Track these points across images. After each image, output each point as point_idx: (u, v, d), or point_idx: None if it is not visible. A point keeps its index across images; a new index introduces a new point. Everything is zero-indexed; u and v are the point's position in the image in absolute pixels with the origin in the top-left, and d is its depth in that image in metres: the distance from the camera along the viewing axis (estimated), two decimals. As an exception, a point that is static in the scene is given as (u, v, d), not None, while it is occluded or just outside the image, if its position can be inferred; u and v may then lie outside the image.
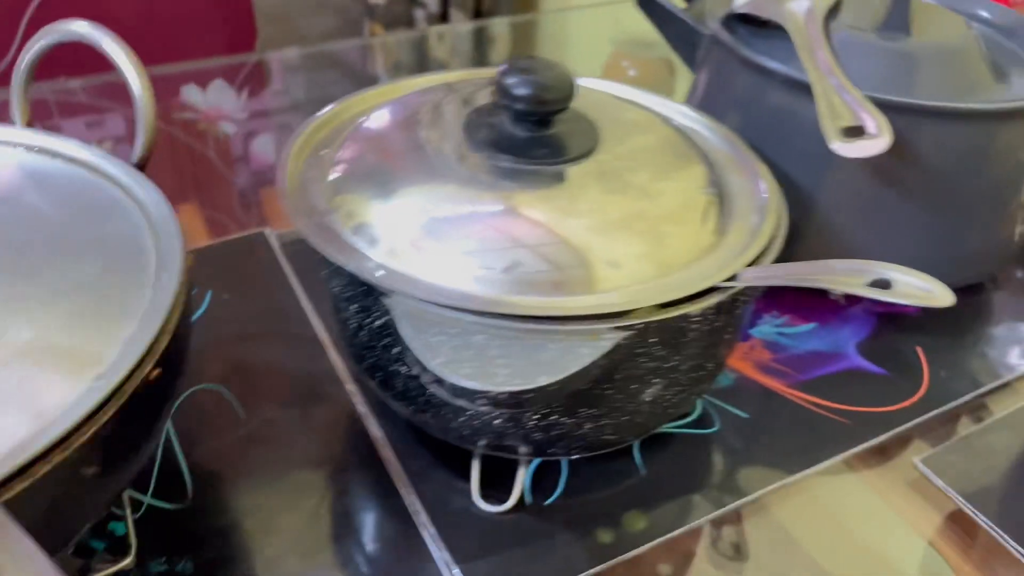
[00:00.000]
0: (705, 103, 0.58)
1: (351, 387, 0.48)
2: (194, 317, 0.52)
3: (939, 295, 0.30)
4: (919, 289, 0.31)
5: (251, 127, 0.82)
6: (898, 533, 0.43)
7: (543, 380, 0.33)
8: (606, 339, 0.34)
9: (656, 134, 0.45)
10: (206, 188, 0.71)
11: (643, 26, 0.86)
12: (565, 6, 1.59)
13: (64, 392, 0.28)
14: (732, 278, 0.36)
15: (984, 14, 0.60)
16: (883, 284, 0.32)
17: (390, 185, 0.39)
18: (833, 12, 0.55)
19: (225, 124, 0.82)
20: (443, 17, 1.72)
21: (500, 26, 1.15)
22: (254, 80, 0.92)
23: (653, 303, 0.35)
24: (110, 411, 0.28)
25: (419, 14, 1.74)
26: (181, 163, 0.78)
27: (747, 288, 0.37)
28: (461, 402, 0.34)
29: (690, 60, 0.62)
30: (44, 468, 0.27)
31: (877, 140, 0.42)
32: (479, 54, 1.04)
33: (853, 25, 0.54)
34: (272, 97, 0.90)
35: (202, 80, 0.88)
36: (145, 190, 0.38)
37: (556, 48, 1.06)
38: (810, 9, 0.54)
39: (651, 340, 0.36)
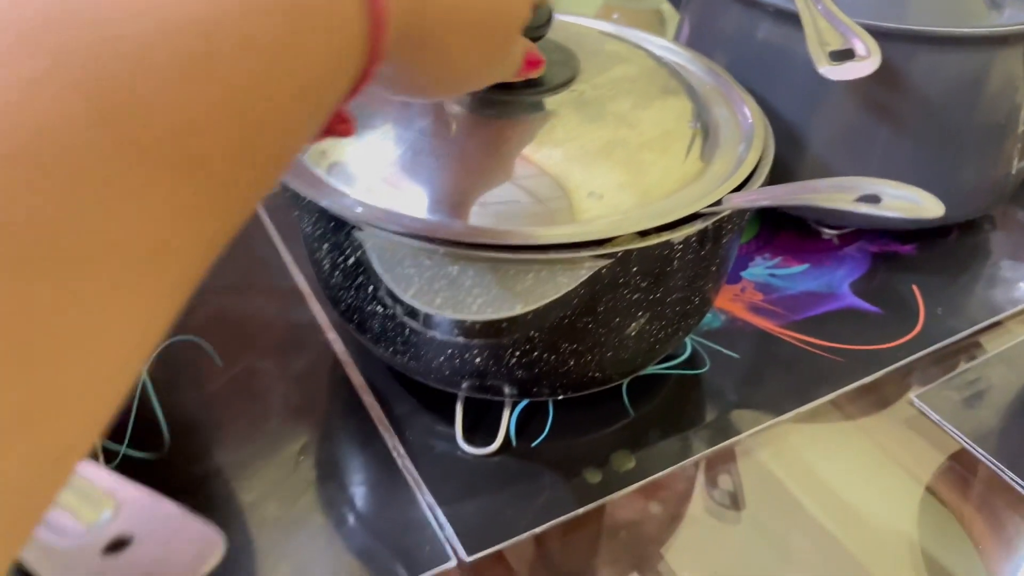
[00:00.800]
0: (692, 42, 0.57)
1: (332, 335, 0.47)
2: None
3: (928, 206, 0.29)
4: (908, 201, 0.29)
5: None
6: (895, 473, 0.42)
7: (519, 308, 0.31)
8: (585, 268, 0.33)
9: (639, 65, 0.43)
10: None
11: (632, -24, 0.84)
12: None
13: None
14: (716, 203, 0.35)
15: (979, -57, 0.58)
16: (872, 199, 0.30)
17: (363, 121, 0.38)
18: (822, -58, 0.53)
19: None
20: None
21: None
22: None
23: (634, 230, 0.34)
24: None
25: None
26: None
27: (732, 215, 0.36)
28: (435, 334, 0.33)
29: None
30: None
31: (866, 61, 0.40)
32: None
33: (843, -44, 0.52)
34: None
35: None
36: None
37: None
38: (798, -61, 0.52)
39: (633, 269, 0.35)
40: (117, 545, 0.19)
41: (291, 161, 0.20)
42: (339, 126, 0.27)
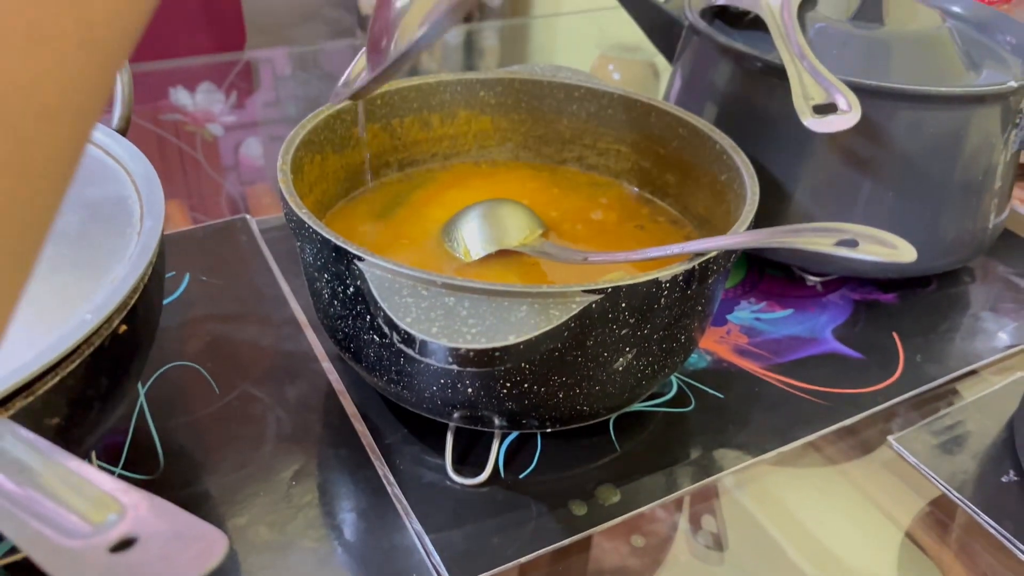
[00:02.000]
0: (684, 93, 0.59)
1: (327, 365, 0.48)
2: (172, 297, 0.52)
3: (902, 251, 0.30)
4: (884, 246, 0.31)
5: (238, 129, 0.82)
6: (875, 518, 0.43)
7: (512, 339, 0.33)
8: (576, 302, 0.34)
9: None
10: (194, 188, 0.71)
11: (627, 31, 0.87)
12: (554, 12, 1.61)
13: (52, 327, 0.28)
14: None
15: (957, 9, 0.61)
16: (850, 243, 0.32)
17: None
18: (808, 2, 0.56)
19: (212, 126, 0.82)
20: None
21: (490, 31, 1.16)
22: (242, 82, 0.92)
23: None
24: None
25: (410, 27, 1.76)
26: (169, 164, 0.79)
27: (718, 257, 0.38)
28: (430, 362, 0.34)
29: (669, 52, 0.63)
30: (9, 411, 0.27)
31: (848, 115, 0.42)
32: (469, 60, 1.05)
33: (829, 16, 0.55)
34: (260, 99, 0.91)
35: (189, 80, 0.88)
36: (127, 152, 0.38)
37: (545, 52, 1.07)
38: (786, -1, 0.54)
39: (622, 305, 0.36)
40: (123, 545, 0.20)
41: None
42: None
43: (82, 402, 0.31)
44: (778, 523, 0.42)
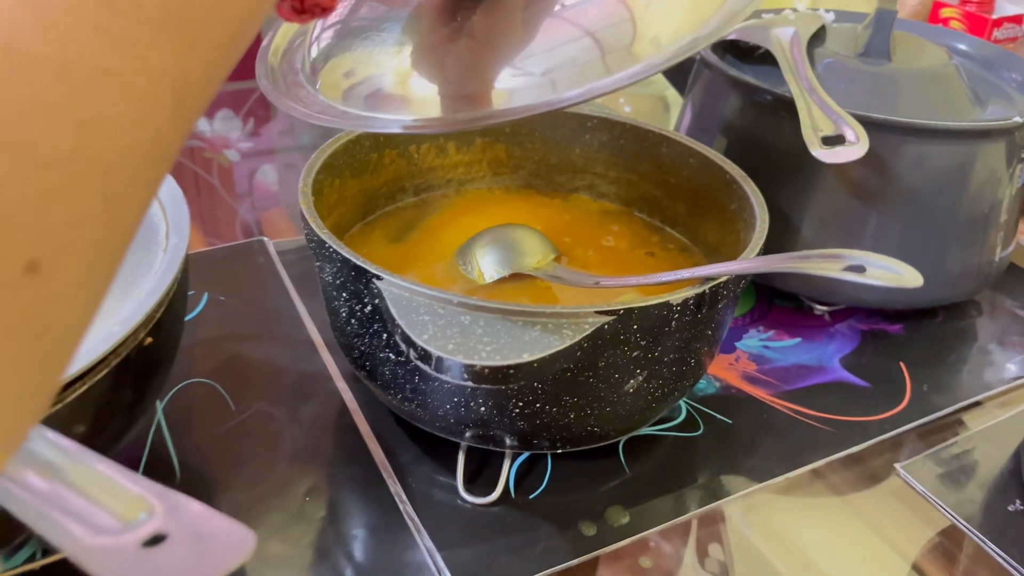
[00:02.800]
0: (695, 125, 0.60)
1: (341, 385, 0.49)
2: (190, 316, 0.53)
3: (908, 277, 0.31)
4: (889, 272, 0.32)
5: (254, 156, 0.84)
6: (882, 549, 0.43)
7: (526, 357, 0.33)
8: (589, 323, 0.35)
9: None
10: (208, 212, 0.72)
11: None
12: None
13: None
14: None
15: (964, 47, 0.63)
16: (857, 269, 0.33)
17: (365, 40, 0.36)
18: (816, 39, 0.57)
19: (229, 152, 0.84)
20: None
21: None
22: (259, 110, 0.94)
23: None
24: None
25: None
26: (186, 188, 0.80)
27: (728, 282, 0.39)
28: (446, 378, 0.34)
29: (680, 86, 0.64)
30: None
31: (856, 147, 0.43)
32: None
33: (837, 52, 0.56)
34: (275, 127, 0.93)
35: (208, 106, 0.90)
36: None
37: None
38: (795, 35, 0.56)
39: (633, 327, 0.37)
40: (154, 541, 0.21)
41: (247, 16, 0.19)
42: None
43: (107, 411, 0.31)
44: (784, 556, 0.42)
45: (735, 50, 0.60)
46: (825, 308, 0.58)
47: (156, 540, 0.21)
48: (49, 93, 0.15)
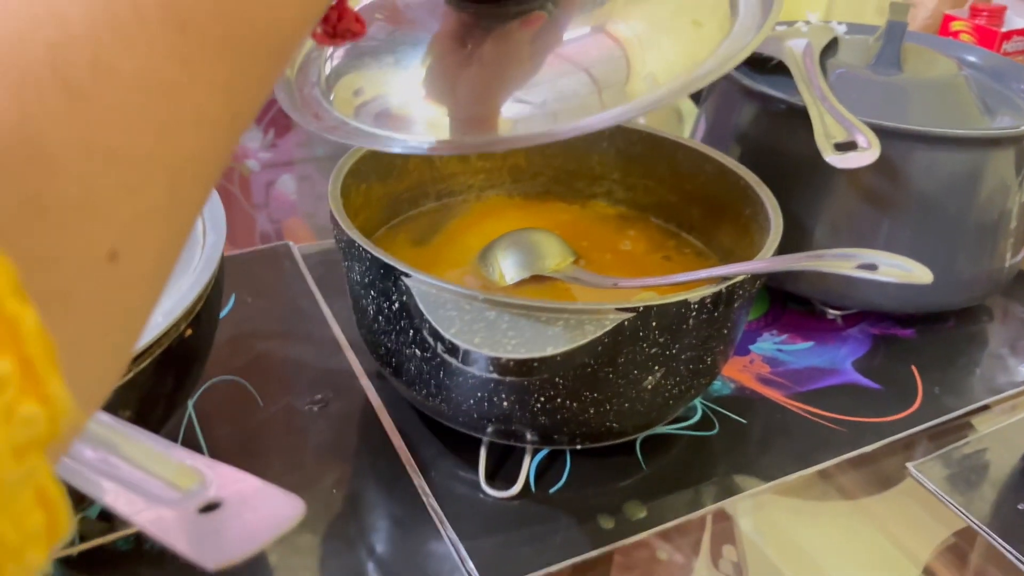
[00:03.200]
0: (709, 134, 0.62)
1: (365, 382, 0.50)
2: (220, 316, 0.54)
3: (918, 274, 0.32)
4: (901, 269, 0.33)
5: (273, 166, 0.86)
6: (892, 552, 0.44)
7: (550, 351, 0.35)
8: (610, 319, 0.36)
9: None
10: (229, 220, 0.74)
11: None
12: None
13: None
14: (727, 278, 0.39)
15: (974, 59, 0.64)
16: (869, 267, 0.34)
17: (381, 61, 0.38)
18: (829, 50, 0.59)
19: (250, 162, 0.85)
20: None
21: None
22: (281, 119, 0.96)
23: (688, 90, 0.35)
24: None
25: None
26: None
27: (744, 282, 0.40)
28: (473, 371, 0.36)
29: (694, 95, 0.66)
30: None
31: (868, 152, 0.45)
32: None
33: (849, 63, 0.58)
34: (294, 138, 0.94)
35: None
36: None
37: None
38: (807, 46, 0.57)
39: (652, 324, 0.38)
40: (208, 508, 0.22)
41: (293, 35, 0.22)
42: (353, 25, 0.29)
43: (151, 398, 0.33)
44: (796, 552, 0.43)
45: (749, 61, 0.61)
46: (837, 312, 0.59)
47: (211, 507, 0.22)
48: (130, 102, 0.17)
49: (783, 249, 0.43)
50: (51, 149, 0.16)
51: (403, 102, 0.37)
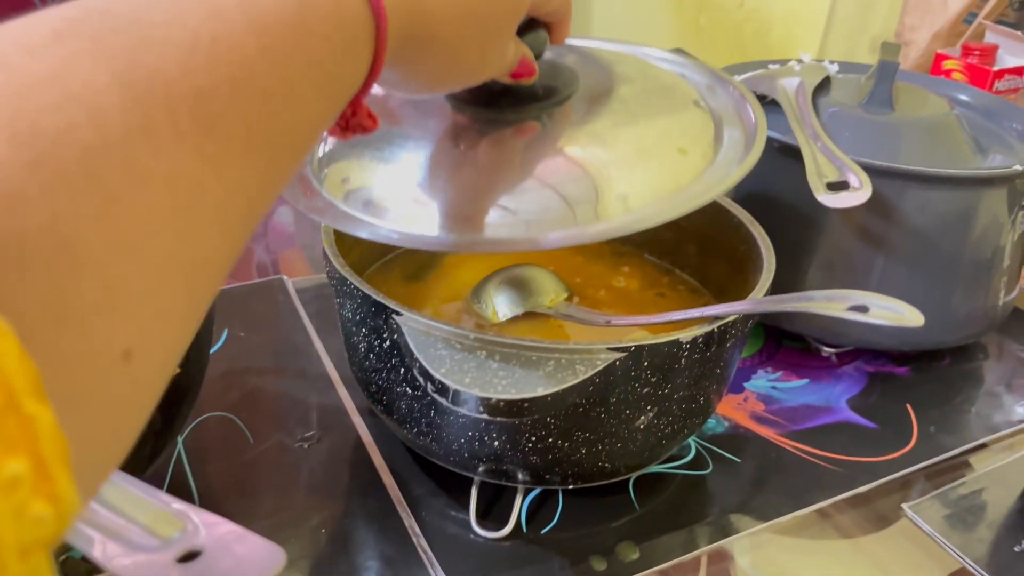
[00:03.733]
0: (703, 171, 0.62)
1: (357, 419, 0.50)
2: (211, 351, 0.54)
3: (910, 317, 0.32)
4: (892, 312, 0.33)
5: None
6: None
7: (540, 391, 0.35)
8: (601, 359, 0.36)
9: (634, 70, 0.44)
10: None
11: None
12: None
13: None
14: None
15: (965, 97, 0.64)
16: (861, 309, 0.34)
17: (378, 151, 0.39)
18: (821, 89, 0.59)
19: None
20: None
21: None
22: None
23: (665, 219, 0.36)
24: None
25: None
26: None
27: (736, 322, 0.40)
28: (462, 411, 0.36)
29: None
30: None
31: (859, 192, 0.45)
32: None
33: (841, 102, 0.58)
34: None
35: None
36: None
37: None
38: (800, 84, 0.58)
39: (644, 364, 0.38)
40: (188, 557, 0.22)
41: (311, 135, 0.23)
42: (365, 120, 0.30)
43: (138, 438, 0.32)
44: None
45: (742, 99, 0.62)
46: (832, 350, 0.59)
47: (191, 556, 0.22)
48: (157, 204, 0.17)
49: (778, 285, 0.43)
50: (78, 250, 0.16)
51: (393, 194, 0.38)
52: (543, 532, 0.43)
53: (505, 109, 0.39)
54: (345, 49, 0.23)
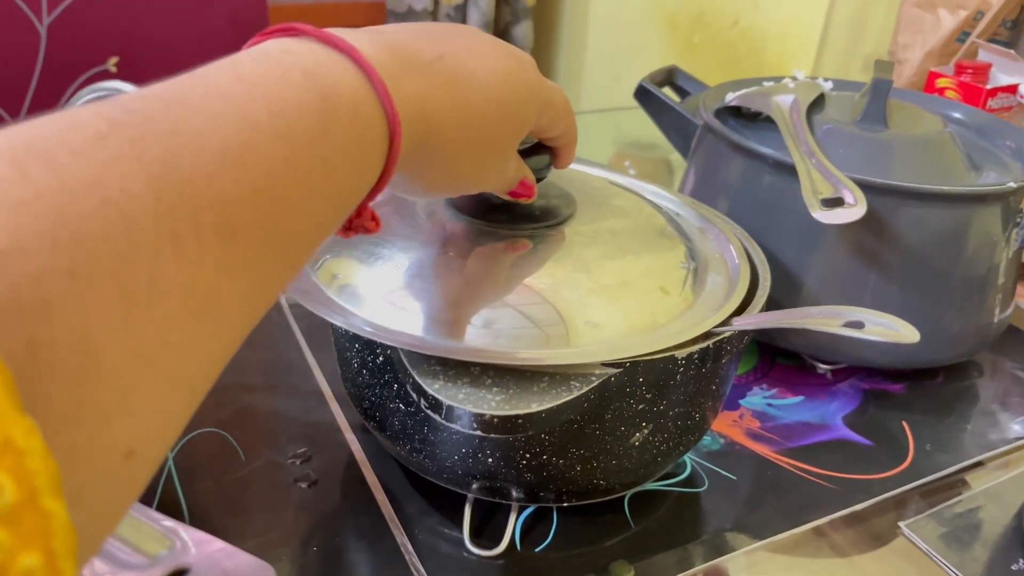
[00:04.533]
0: (698, 188, 0.62)
1: (349, 436, 0.49)
2: (203, 367, 0.54)
3: (905, 333, 0.32)
4: (887, 328, 0.33)
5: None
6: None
7: (535, 407, 0.34)
8: (596, 375, 0.36)
9: (631, 206, 0.47)
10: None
11: (642, 130, 0.92)
12: (573, 111, 1.67)
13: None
14: (721, 324, 0.39)
15: (958, 115, 0.65)
16: (856, 325, 0.34)
17: (370, 253, 0.41)
18: (815, 106, 0.60)
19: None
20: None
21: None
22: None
23: (645, 352, 0.37)
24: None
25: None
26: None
27: (731, 338, 0.40)
28: (456, 427, 0.35)
29: (684, 149, 0.66)
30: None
31: (854, 209, 0.45)
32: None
33: (836, 119, 0.58)
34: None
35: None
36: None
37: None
38: (794, 101, 0.58)
39: (639, 380, 0.38)
40: (177, 575, 0.21)
41: (318, 241, 0.24)
42: (368, 223, 0.31)
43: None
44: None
45: (737, 114, 0.62)
46: (827, 367, 0.59)
47: (179, 574, 0.21)
48: (174, 312, 0.18)
49: (773, 301, 0.43)
50: (102, 358, 0.16)
51: (377, 289, 0.39)
52: (537, 550, 0.43)
53: (501, 224, 0.41)
54: (360, 159, 0.24)
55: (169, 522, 0.24)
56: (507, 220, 0.42)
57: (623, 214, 0.46)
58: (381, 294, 0.39)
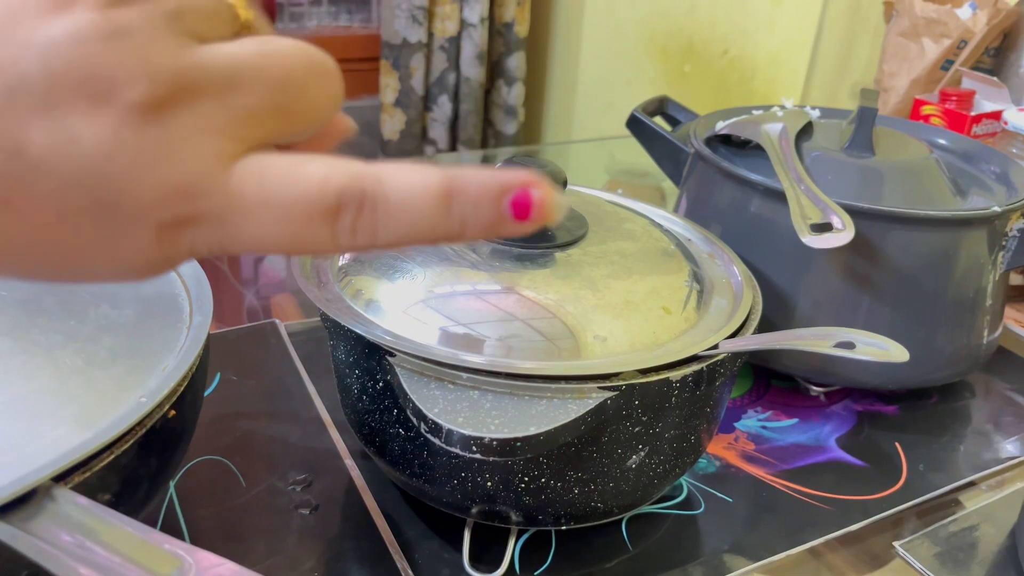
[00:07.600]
0: (690, 214, 0.63)
1: (349, 462, 0.50)
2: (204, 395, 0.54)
3: (895, 353, 0.33)
4: (878, 348, 0.33)
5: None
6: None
7: (533, 430, 0.35)
8: (593, 397, 0.37)
9: (643, 232, 0.49)
10: (216, 297, 0.74)
11: (635, 158, 0.93)
12: (566, 140, 1.69)
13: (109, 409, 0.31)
14: (713, 347, 0.39)
15: (944, 141, 0.66)
16: (847, 345, 0.35)
17: (391, 268, 0.43)
18: (804, 134, 0.61)
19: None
20: (452, 152, 1.83)
21: (505, 157, 1.23)
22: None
23: (637, 367, 0.38)
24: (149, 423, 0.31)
25: (429, 150, 1.85)
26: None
27: (725, 360, 0.40)
28: (455, 450, 0.36)
29: (675, 177, 0.67)
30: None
31: (842, 234, 0.46)
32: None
33: (824, 146, 0.59)
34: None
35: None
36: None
37: (555, 177, 1.13)
38: (783, 129, 0.59)
39: (635, 403, 0.38)
40: (185, 594, 0.22)
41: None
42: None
43: (132, 481, 0.33)
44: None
45: (727, 142, 0.64)
46: (821, 389, 0.59)
47: (187, 594, 0.22)
48: None
49: (765, 324, 0.44)
50: None
51: (395, 302, 0.41)
52: (536, 574, 0.43)
53: (515, 243, 0.43)
54: None
55: (175, 543, 0.24)
56: (521, 239, 0.43)
57: (633, 237, 0.47)
58: (397, 305, 0.41)
